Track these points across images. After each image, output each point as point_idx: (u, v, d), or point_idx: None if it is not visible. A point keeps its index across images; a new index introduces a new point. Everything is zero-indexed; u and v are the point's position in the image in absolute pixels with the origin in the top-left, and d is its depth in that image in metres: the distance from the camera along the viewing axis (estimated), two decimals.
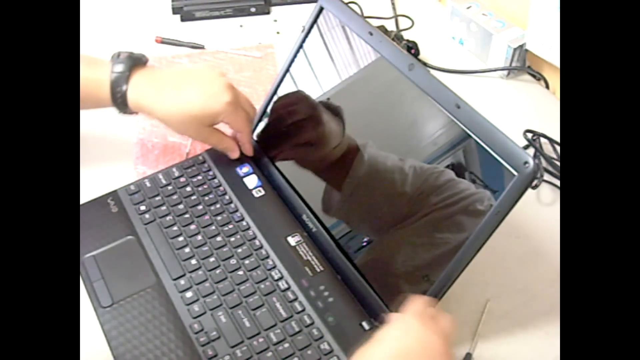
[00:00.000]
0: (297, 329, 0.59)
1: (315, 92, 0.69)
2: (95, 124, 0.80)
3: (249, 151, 0.73)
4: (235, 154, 0.73)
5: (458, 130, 0.54)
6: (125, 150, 0.79)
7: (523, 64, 0.93)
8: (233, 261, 0.65)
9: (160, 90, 0.68)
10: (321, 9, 0.68)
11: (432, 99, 0.56)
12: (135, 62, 0.69)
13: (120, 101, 0.68)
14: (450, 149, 0.55)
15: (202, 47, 0.97)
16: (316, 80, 0.70)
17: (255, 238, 0.67)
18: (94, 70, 0.67)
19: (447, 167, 0.56)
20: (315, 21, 0.69)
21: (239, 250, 0.66)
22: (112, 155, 0.78)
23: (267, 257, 0.65)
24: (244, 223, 0.68)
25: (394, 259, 0.60)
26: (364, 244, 0.63)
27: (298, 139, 0.71)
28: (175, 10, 1.03)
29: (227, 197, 0.71)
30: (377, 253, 0.62)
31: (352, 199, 0.64)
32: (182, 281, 0.63)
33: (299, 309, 0.61)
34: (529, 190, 0.49)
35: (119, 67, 0.67)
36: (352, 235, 0.65)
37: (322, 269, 0.64)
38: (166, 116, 0.68)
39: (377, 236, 0.62)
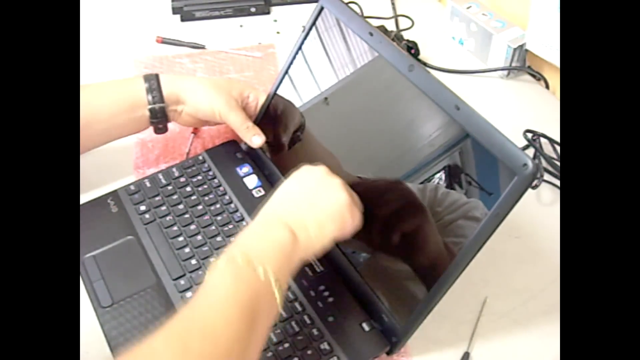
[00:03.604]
0: (297, 329, 0.59)
1: (315, 93, 0.69)
2: None
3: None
4: (260, 143, 0.72)
5: (458, 131, 0.54)
6: (125, 150, 0.79)
7: (523, 64, 0.93)
8: None
9: (190, 76, 0.76)
10: (321, 9, 0.68)
11: (432, 100, 0.56)
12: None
13: (155, 89, 0.70)
14: (450, 150, 0.55)
15: (203, 47, 0.97)
16: (316, 80, 0.70)
17: None
18: (127, 84, 0.72)
19: (447, 167, 0.56)
20: (315, 21, 0.69)
21: None
22: (112, 155, 0.78)
23: None
24: (244, 223, 0.68)
25: (395, 263, 0.60)
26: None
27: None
28: (175, 10, 1.03)
29: (227, 197, 0.71)
30: (380, 258, 0.62)
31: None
32: (182, 281, 0.63)
33: (299, 309, 0.61)
34: (529, 190, 0.49)
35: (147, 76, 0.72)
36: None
37: (322, 269, 0.64)
38: (198, 86, 0.72)
39: (383, 248, 0.62)
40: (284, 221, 0.53)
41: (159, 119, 0.72)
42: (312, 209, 0.54)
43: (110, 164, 0.77)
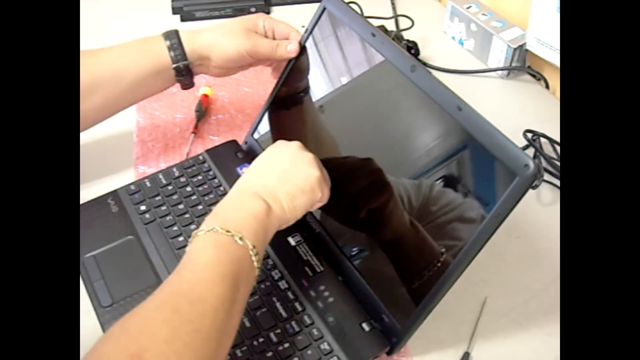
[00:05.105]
0: (297, 329, 0.59)
1: (316, 94, 0.69)
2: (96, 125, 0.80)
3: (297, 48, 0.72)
4: (295, 47, 0.71)
5: (459, 132, 0.54)
6: (125, 150, 0.79)
7: (523, 64, 0.93)
8: None
9: (206, 30, 0.73)
10: (324, 10, 0.68)
11: (434, 101, 0.56)
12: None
13: (176, 46, 0.70)
14: (452, 150, 0.55)
15: None
16: (318, 81, 0.70)
17: None
18: (148, 44, 0.72)
19: (444, 177, 0.56)
20: (317, 22, 0.69)
21: None
22: (112, 155, 0.78)
23: (267, 257, 0.65)
24: None
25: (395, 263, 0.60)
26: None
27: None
28: (175, 10, 1.03)
29: None
30: (377, 254, 0.62)
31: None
32: None
33: (299, 309, 0.61)
34: (529, 190, 0.49)
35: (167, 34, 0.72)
36: (353, 236, 0.65)
37: (322, 269, 0.64)
38: (216, 34, 0.72)
39: (377, 248, 0.62)
40: (258, 193, 0.56)
41: (184, 76, 0.72)
42: (285, 183, 0.58)
43: (110, 164, 0.77)
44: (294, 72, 0.72)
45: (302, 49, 0.71)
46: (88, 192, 0.72)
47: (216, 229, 0.52)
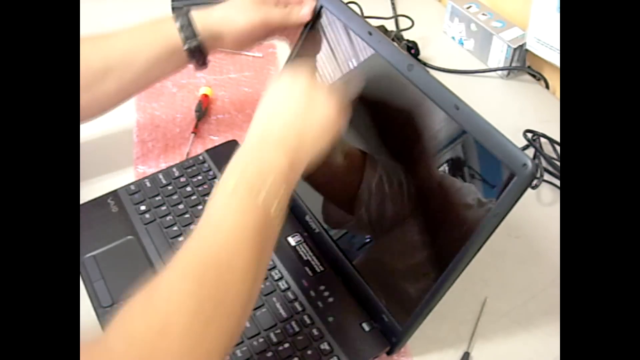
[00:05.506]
0: (297, 329, 0.59)
1: None
2: (95, 124, 0.80)
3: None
4: (309, 10, 0.68)
5: (457, 131, 0.54)
6: (125, 150, 0.79)
7: (523, 64, 0.93)
8: None
9: (217, 8, 0.71)
10: (321, 9, 0.68)
11: (431, 100, 0.56)
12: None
13: (186, 27, 0.68)
14: (449, 150, 0.55)
15: None
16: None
17: None
18: (159, 26, 0.71)
19: (449, 160, 0.56)
20: (315, 21, 0.69)
21: None
22: (112, 155, 0.78)
23: None
24: None
25: (393, 259, 0.60)
26: (364, 244, 0.63)
27: None
28: (175, 11, 1.03)
29: None
30: (377, 253, 0.62)
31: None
32: None
33: (299, 309, 0.61)
34: (529, 190, 0.49)
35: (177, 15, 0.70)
36: (352, 236, 0.65)
37: (322, 269, 0.64)
38: (227, 10, 0.69)
39: (378, 238, 0.62)
40: (279, 144, 0.52)
41: (197, 56, 0.70)
42: (305, 127, 0.53)
43: (110, 164, 0.77)
44: (307, 43, 0.69)
45: (317, 15, 0.68)
46: (88, 192, 0.72)
47: (238, 190, 0.48)
